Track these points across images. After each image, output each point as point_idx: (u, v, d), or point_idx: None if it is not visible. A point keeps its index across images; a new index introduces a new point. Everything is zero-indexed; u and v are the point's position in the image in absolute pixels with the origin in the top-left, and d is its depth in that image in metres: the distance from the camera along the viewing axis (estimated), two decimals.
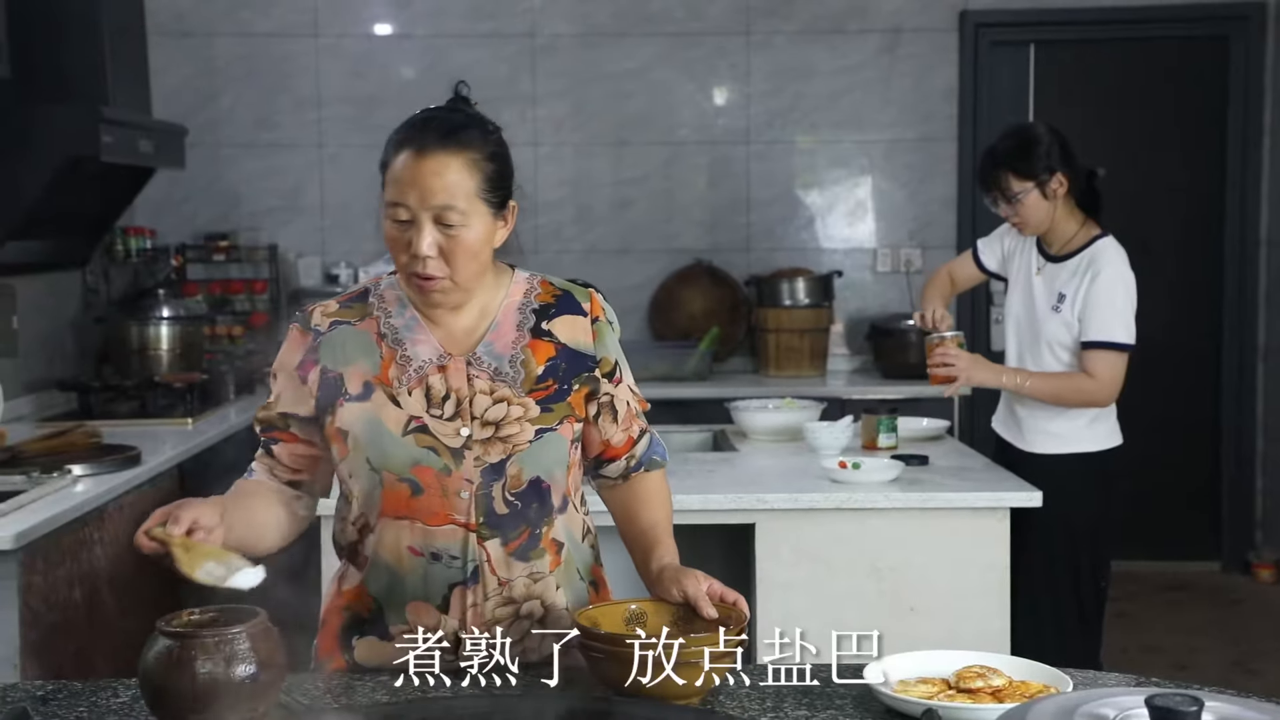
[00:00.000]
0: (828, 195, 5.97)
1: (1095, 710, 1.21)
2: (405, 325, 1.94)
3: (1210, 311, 6.01)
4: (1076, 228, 3.48)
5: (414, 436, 1.88)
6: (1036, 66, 5.97)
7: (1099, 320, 3.37)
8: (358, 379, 1.91)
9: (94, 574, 3.20)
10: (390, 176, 1.86)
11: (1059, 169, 3.42)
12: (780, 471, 3.58)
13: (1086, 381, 3.38)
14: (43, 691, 1.84)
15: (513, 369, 1.92)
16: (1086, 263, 3.42)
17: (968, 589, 3.25)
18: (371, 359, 1.92)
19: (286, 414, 1.97)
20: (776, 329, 5.68)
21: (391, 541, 1.91)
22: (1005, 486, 3.35)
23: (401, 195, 1.84)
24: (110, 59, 4.29)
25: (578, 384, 1.96)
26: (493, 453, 1.89)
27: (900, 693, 1.72)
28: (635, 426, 2.05)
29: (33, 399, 4.51)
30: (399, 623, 1.92)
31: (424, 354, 1.92)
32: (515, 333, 1.95)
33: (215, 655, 1.57)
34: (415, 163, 1.83)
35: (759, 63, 5.89)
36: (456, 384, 1.90)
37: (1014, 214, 3.47)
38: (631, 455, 2.05)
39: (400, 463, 1.88)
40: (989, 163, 3.48)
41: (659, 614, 1.88)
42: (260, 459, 2.01)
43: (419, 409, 1.89)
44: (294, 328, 1.98)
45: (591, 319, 1.99)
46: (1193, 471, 6.03)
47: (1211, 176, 5.96)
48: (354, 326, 1.94)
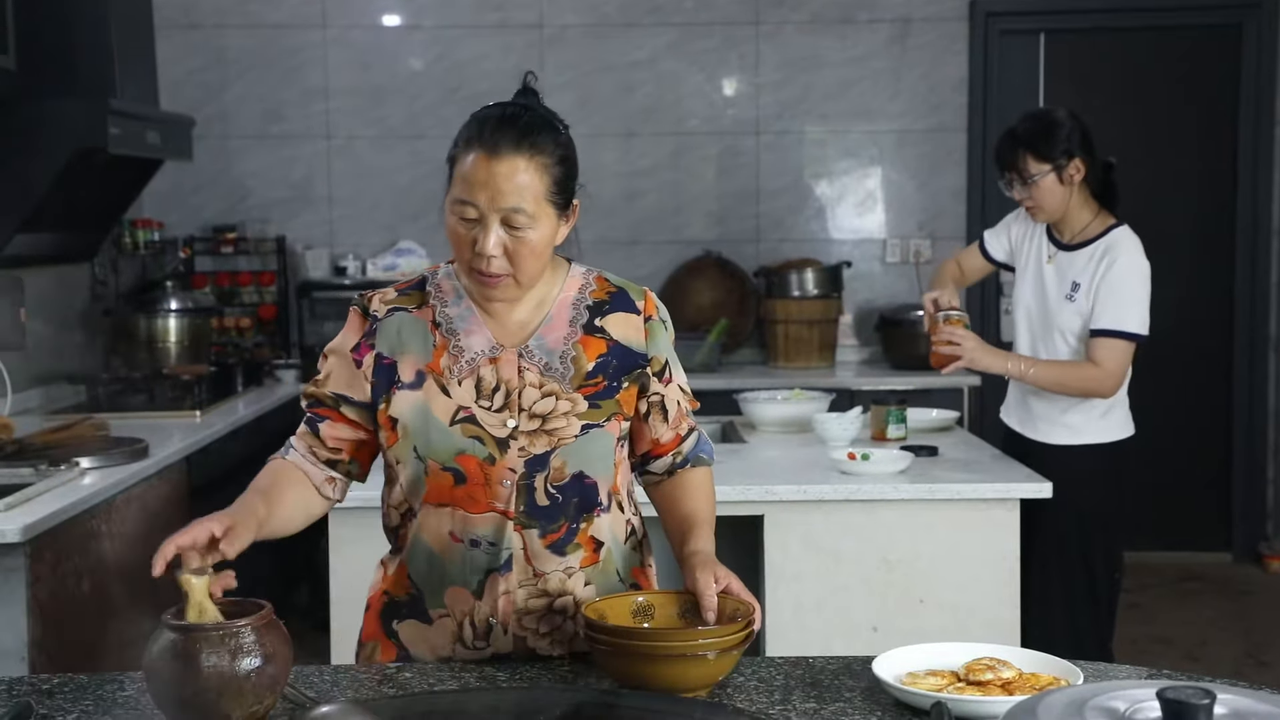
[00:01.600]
0: (837, 186, 5.95)
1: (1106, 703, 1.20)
2: (460, 316, 1.94)
3: (1222, 302, 5.99)
4: (1090, 217, 3.45)
5: (461, 426, 1.89)
6: (1047, 56, 5.95)
7: (1113, 308, 3.34)
8: (410, 367, 1.92)
9: (101, 566, 3.20)
10: (459, 173, 1.85)
11: (1077, 154, 3.39)
12: (789, 463, 3.57)
13: (1092, 370, 3.36)
14: (49, 685, 1.84)
15: (562, 365, 1.93)
16: (1102, 251, 3.39)
17: (977, 581, 3.24)
18: (425, 347, 1.93)
19: (339, 395, 1.95)
20: (785, 320, 5.67)
21: (434, 527, 1.92)
22: (1015, 477, 3.33)
23: (471, 194, 1.83)
24: (118, 51, 4.29)
25: (627, 382, 1.97)
26: (538, 445, 1.90)
27: (909, 685, 1.71)
28: (684, 425, 2.06)
29: (41, 391, 4.51)
30: (438, 607, 1.94)
31: (476, 345, 1.92)
32: (568, 328, 1.95)
33: (221, 648, 1.57)
34: (487, 163, 1.82)
35: (768, 53, 5.88)
36: (507, 375, 1.91)
37: (1028, 197, 3.44)
38: (678, 452, 2.06)
39: (445, 451, 1.89)
40: (1008, 143, 3.45)
41: (666, 606, 1.87)
42: (302, 435, 1.99)
43: (468, 399, 1.90)
44: (353, 311, 1.98)
45: (645, 317, 2.00)
46: (1204, 463, 6.01)
47: (1223, 166, 5.93)
48: (410, 314, 1.95)
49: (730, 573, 1.86)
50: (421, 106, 5.86)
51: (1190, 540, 5.99)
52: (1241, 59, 5.86)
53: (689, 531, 1.97)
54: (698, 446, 2.08)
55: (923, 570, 3.25)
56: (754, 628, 1.77)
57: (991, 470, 3.42)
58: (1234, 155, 5.91)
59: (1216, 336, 6.00)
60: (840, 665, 1.87)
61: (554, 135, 1.89)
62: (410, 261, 5.69)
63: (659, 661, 1.69)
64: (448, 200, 1.87)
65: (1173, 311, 5.86)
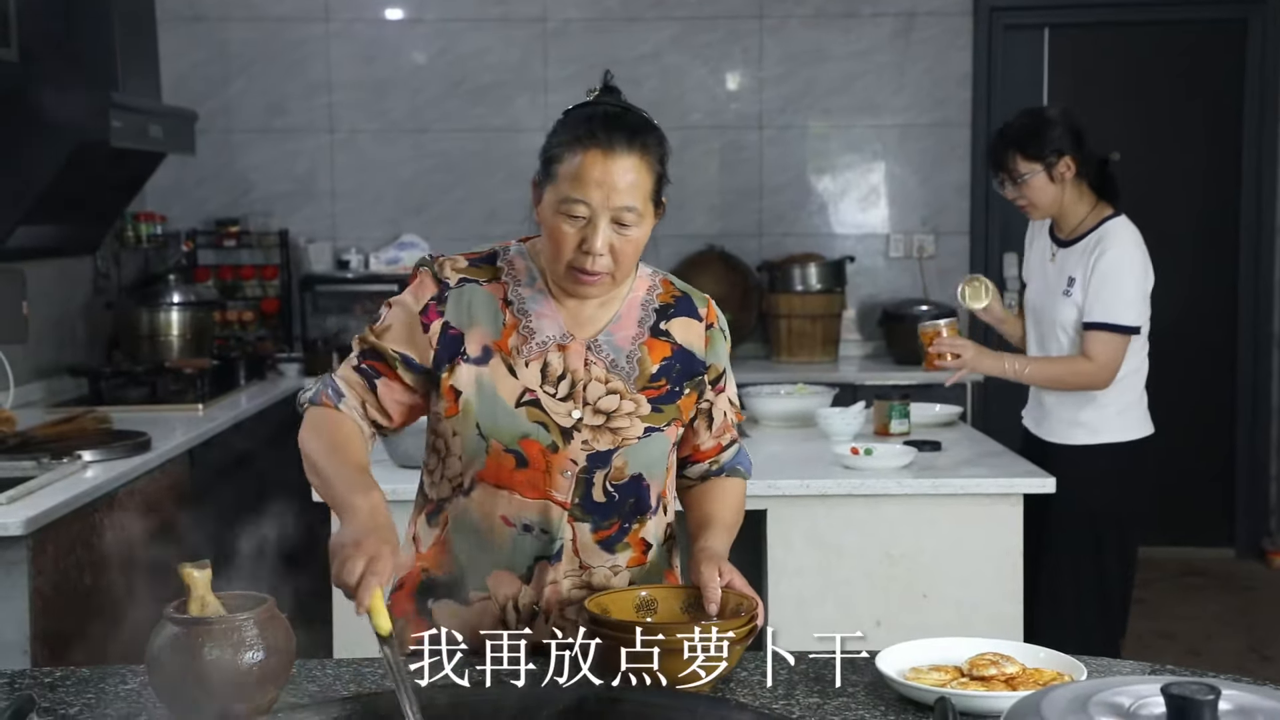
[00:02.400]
0: (840, 180, 5.94)
1: (1110, 699, 1.20)
2: (532, 297, 1.92)
3: (1226, 298, 5.98)
4: (1087, 211, 3.43)
5: (526, 409, 1.88)
6: (1051, 50, 5.93)
7: (1103, 301, 3.32)
8: (478, 341, 1.89)
9: (104, 559, 3.20)
10: (568, 172, 1.82)
11: (1068, 152, 3.37)
12: (792, 458, 3.57)
13: (1084, 364, 3.34)
14: (51, 678, 1.83)
15: (629, 365, 1.93)
16: (1094, 243, 3.37)
17: (981, 575, 3.24)
18: (494, 324, 1.90)
19: (402, 354, 1.90)
20: (788, 314, 5.67)
21: (486, 508, 1.91)
22: (1018, 472, 3.33)
23: (584, 193, 1.81)
24: (120, 44, 4.28)
25: (689, 388, 1.97)
26: (601, 441, 1.90)
27: (913, 680, 1.71)
28: (727, 436, 2.06)
29: (43, 384, 4.51)
30: (479, 589, 1.93)
31: (548, 329, 1.91)
32: (636, 328, 1.95)
33: (223, 641, 1.56)
34: (604, 162, 1.80)
35: (772, 47, 5.87)
36: (574, 365, 1.90)
37: (1020, 196, 3.44)
38: (715, 461, 2.06)
39: (510, 433, 1.87)
40: (998, 143, 3.46)
41: (669, 600, 1.87)
42: (353, 386, 1.92)
43: (534, 382, 1.89)
44: (422, 272, 1.93)
45: (706, 325, 2.00)
46: (1208, 458, 6.01)
47: (1228, 161, 5.92)
48: (481, 287, 1.92)
49: (735, 569, 1.86)
50: (424, 100, 5.85)
51: (1193, 535, 5.98)
52: (1246, 54, 5.85)
53: (704, 528, 1.98)
54: (736, 458, 2.08)
55: (926, 565, 3.25)
56: (757, 623, 1.77)
57: (995, 465, 3.42)
58: (1238, 151, 5.89)
59: (1220, 332, 5.99)
60: (843, 660, 1.87)
61: (658, 134, 1.89)
62: (413, 255, 5.68)
63: (659, 656, 1.68)
64: (550, 198, 1.83)
65: (1176, 307, 5.85)
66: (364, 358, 1.93)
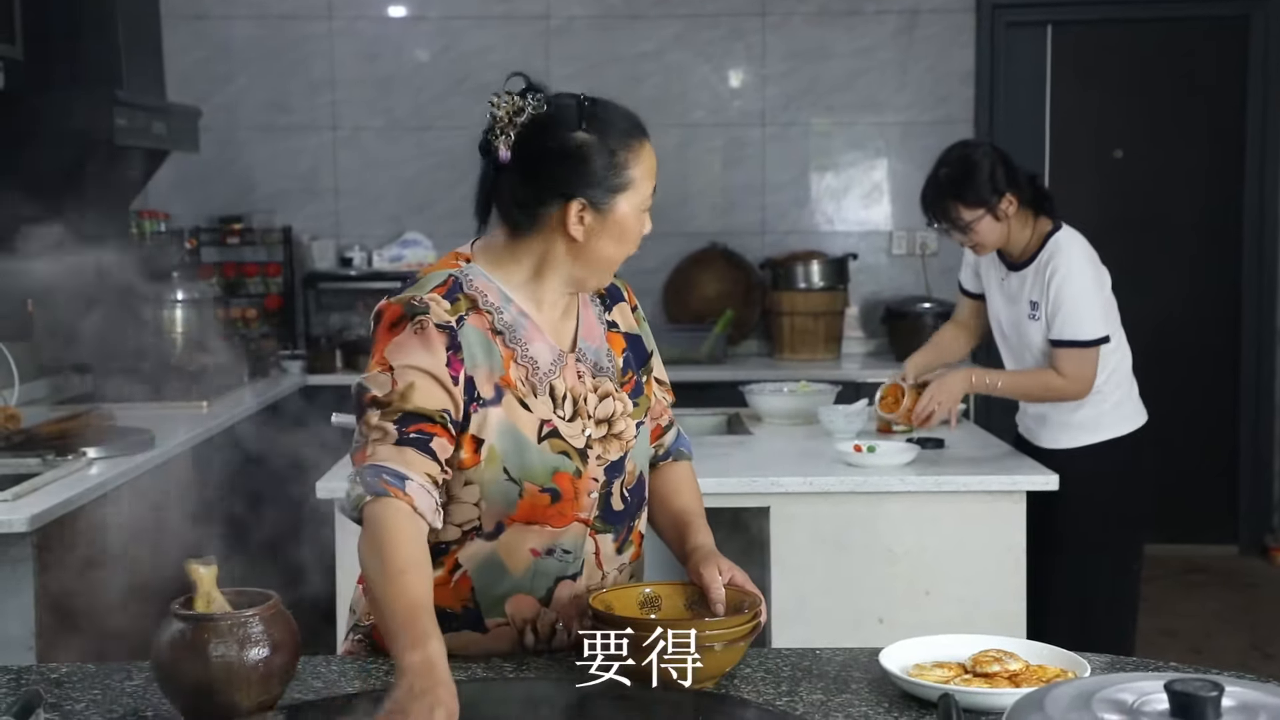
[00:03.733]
0: (843, 178, 5.94)
1: (1114, 695, 1.20)
2: (515, 322, 1.83)
3: (1229, 295, 5.97)
4: (1030, 233, 3.40)
5: (549, 442, 1.81)
6: (1054, 48, 5.93)
7: (1061, 318, 3.31)
8: (487, 381, 1.78)
9: (108, 556, 3.21)
10: (644, 167, 1.84)
11: (1005, 189, 3.33)
12: (795, 455, 3.57)
13: (1055, 379, 3.34)
14: (57, 674, 1.84)
15: (609, 362, 1.91)
16: (1045, 262, 3.35)
17: (983, 573, 3.24)
18: (493, 359, 1.79)
19: (442, 410, 1.73)
20: (791, 312, 5.67)
21: (513, 545, 1.83)
22: (1021, 470, 3.33)
23: (654, 180, 1.86)
24: (124, 42, 4.29)
25: (644, 375, 1.97)
26: (611, 450, 1.88)
27: (916, 677, 1.71)
28: (665, 417, 2.05)
29: (47, 382, 4.52)
30: (496, 616, 1.86)
31: (544, 353, 1.84)
32: (597, 325, 1.94)
33: (229, 638, 1.57)
34: (651, 150, 1.86)
35: (775, 44, 5.87)
36: (571, 382, 1.86)
37: (968, 240, 3.41)
38: (660, 444, 2.04)
39: (542, 472, 1.80)
40: (934, 194, 3.39)
41: (673, 597, 1.87)
42: (412, 465, 1.69)
43: (547, 412, 1.82)
44: (424, 322, 1.74)
45: (632, 307, 2.00)
46: (1211, 455, 6.00)
47: (1231, 158, 5.91)
48: (469, 322, 1.79)
49: (734, 565, 1.86)
50: (428, 98, 5.85)
51: (1196, 533, 5.98)
52: (1249, 51, 5.84)
53: (686, 527, 1.97)
54: (678, 441, 2.08)
55: (928, 562, 3.25)
56: (760, 619, 1.78)
57: (997, 463, 3.42)
58: (1241, 148, 5.89)
59: (1223, 329, 5.99)
60: (847, 657, 1.87)
61: None
62: (416, 253, 5.69)
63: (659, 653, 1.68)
64: (632, 203, 1.82)
65: (1179, 304, 5.88)
66: (404, 426, 1.70)
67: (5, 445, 3.37)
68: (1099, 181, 5.86)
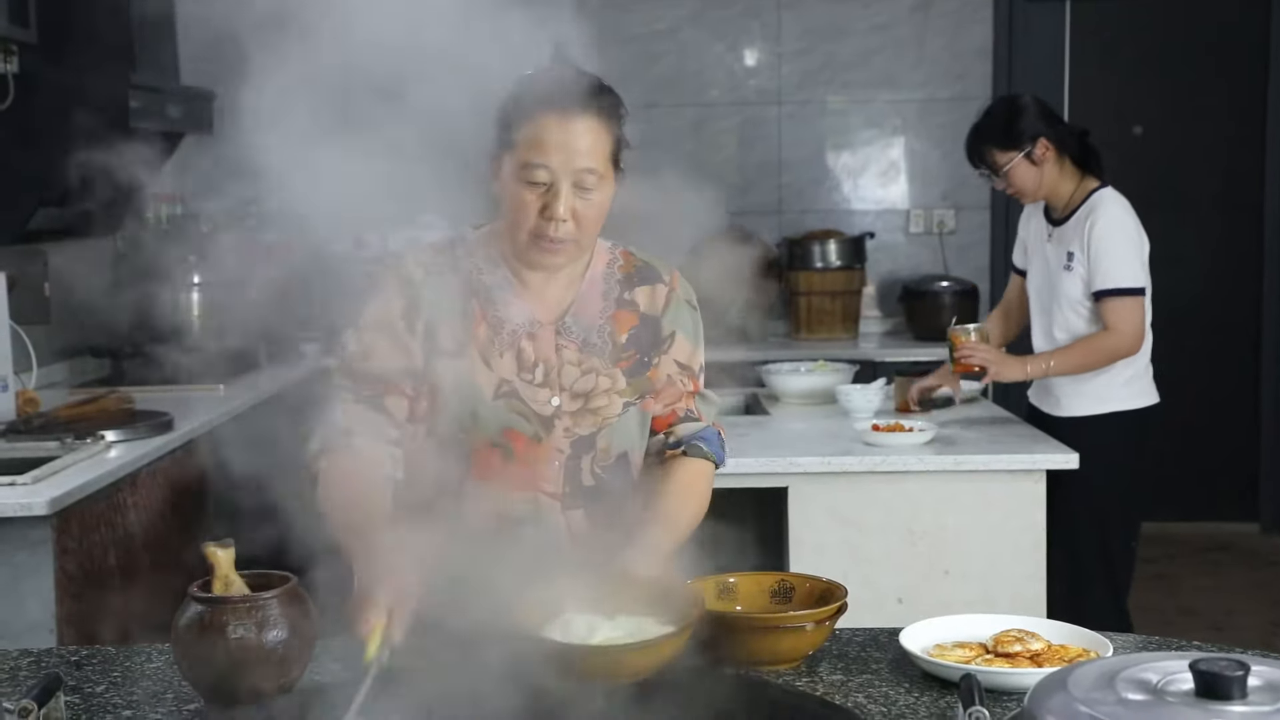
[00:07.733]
0: (860, 156, 5.91)
1: (1138, 674, 1.19)
2: (497, 285, 1.88)
3: (1250, 271, 5.93)
4: (1074, 187, 3.50)
5: (505, 401, 1.84)
6: (1073, 23, 5.88)
7: (1104, 268, 3.38)
8: (450, 335, 1.85)
9: (128, 539, 3.22)
10: (527, 137, 1.78)
11: (1042, 134, 3.44)
12: (813, 435, 3.56)
13: (1107, 337, 3.38)
14: (77, 657, 1.84)
15: (600, 339, 1.90)
16: (1085, 214, 3.44)
17: (1003, 552, 3.23)
18: (464, 315, 1.86)
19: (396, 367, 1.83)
20: (808, 291, 5.65)
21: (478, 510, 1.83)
22: (1041, 449, 3.31)
23: (544, 157, 1.78)
24: (138, 23, 4.28)
25: (656, 356, 1.94)
26: (583, 425, 1.87)
27: (937, 657, 1.70)
28: (682, 406, 1.98)
29: (65, 365, 4.53)
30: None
31: (516, 317, 1.87)
32: (601, 302, 1.92)
33: (247, 620, 1.57)
34: (561, 124, 1.78)
35: (790, 22, 5.83)
36: (545, 353, 1.87)
37: (1005, 185, 3.51)
38: (671, 431, 1.97)
39: (492, 427, 1.83)
40: (974, 140, 3.56)
41: (749, 585, 1.88)
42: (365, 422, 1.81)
43: (510, 372, 1.85)
44: (389, 275, 1.88)
45: (669, 289, 1.98)
46: (1232, 432, 5.97)
47: (1252, 134, 5.86)
48: (445, 278, 1.87)
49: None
50: None
51: (1217, 510, 5.96)
52: (1271, 25, 5.79)
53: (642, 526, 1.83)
54: (700, 434, 1.97)
55: (948, 542, 3.24)
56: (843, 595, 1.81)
57: (1017, 442, 3.40)
58: (1262, 124, 5.84)
59: (1244, 305, 5.95)
60: (867, 637, 1.87)
61: (614, 97, 1.87)
62: (431, 235, 5.68)
63: (758, 634, 1.73)
64: (510, 166, 1.81)
65: (1200, 281, 5.83)
66: (361, 386, 1.83)
67: (24, 429, 3.38)
68: (1118, 159, 5.75)
